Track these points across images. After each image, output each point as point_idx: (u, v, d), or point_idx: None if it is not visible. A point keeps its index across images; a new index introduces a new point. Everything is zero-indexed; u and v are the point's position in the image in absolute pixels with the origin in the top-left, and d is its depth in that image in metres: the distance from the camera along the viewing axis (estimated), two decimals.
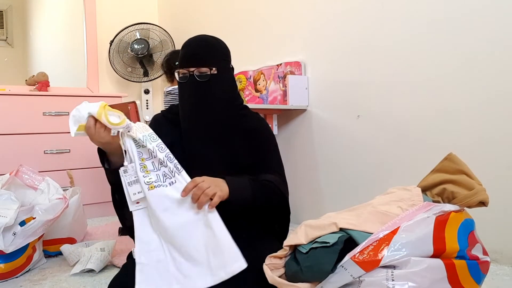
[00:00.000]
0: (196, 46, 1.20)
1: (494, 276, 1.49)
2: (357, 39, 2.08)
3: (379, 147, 2.00)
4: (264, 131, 1.29)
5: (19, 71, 2.98)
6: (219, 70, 1.19)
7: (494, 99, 1.62)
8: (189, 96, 1.20)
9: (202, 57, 1.18)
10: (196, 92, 1.18)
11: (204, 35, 1.24)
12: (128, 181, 1.03)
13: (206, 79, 1.17)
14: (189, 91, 1.19)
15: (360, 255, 0.85)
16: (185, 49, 1.21)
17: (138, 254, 1.01)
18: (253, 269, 1.00)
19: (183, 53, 1.20)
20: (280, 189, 1.19)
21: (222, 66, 1.20)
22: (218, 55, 1.21)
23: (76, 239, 1.96)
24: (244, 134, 1.24)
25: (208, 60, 1.18)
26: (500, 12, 1.59)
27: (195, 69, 1.17)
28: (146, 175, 1.02)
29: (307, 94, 2.31)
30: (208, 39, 1.23)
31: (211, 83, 1.17)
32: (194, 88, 1.18)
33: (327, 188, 2.27)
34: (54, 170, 2.51)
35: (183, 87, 1.21)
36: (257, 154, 1.23)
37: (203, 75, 1.17)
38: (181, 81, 1.20)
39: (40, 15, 3.12)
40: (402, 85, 1.91)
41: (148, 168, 1.03)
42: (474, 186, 0.97)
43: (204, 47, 1.20)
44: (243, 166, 1.20)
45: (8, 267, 1.56)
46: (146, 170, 1.02)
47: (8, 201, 1.59)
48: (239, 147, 1.22)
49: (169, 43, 3.19)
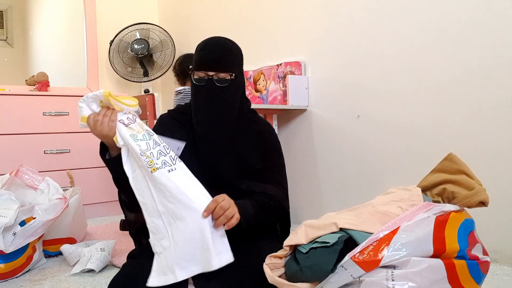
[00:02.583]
0: (215, 49, 1.18)
1: (494, 276, 1.49)
2: (358, 39, 2.08)
3: (379, 147, 2.00)
4: (273, 138, 1.31)
5: (19, 71, 2.97)
6: (236, 76, 1.19)
7: (495, 99, 1.62)
8: (205, 99, 1.19)
9: (222, 62, 1.17)
10: (214, 97, 1.18)
11: (221, 38, 1.22)
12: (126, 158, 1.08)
13: (226, 84, 1.17)
14: (207, 95, 1.18)
15: (360, 255, 0.85)
16: (203, 52, 1.18)
17: (152, 244, 1.04)
18: (253, 269, 1.00)
19: (201, 55, 1.18)
20: (281, 203, 1.20)
21: (239, 71, 1.21)
22: (236, 60, 1.21)
23: (76, 239, 1.96)
24: (253, 138, 1.25)
25: (228, 65, 1.18)
26: (501, 17, 1.59)
27: (214, 73, 1.16)
28: (147, 159, 1.03)
29: (307, 94, 2.31)
30: (227, 43, 1.21)
31: (229, 88, 1.17)
32: (212, 92, 1.17)
33: (327, 188, 2.27)
34: (54, 170, 2.51)
35: (199, 89, 1.19)
36: (264, 161, 1.23)
37: (223, 80, 1.17)
38: (198, 84, 1.19)
39: (40, 15, 3.11)
40: (402, 85, 1.91)
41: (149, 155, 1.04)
42: (474, 186, 0.97)
43: (224, 51, 1.18)
44: (253, 170, 1.22)
45: (8, 267, 1.56)
46: (147, 155, 1.04)
47: (8, 201, 1.59)
48: (249, 151, 1.22)
49: (169, 43, 3.19)
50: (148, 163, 1.03)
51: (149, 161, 1.03)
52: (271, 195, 1.18)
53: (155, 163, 1.03)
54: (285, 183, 1.28)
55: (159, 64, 3.23)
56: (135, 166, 1.07)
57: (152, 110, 2.11)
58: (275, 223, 1.29)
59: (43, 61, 3.08)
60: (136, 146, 1.05)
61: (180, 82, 2.50)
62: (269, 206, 1.17)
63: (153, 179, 1.02)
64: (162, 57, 3.21)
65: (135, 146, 1.05)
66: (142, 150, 1.04)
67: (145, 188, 1.05)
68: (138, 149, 1.04)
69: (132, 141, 1.06)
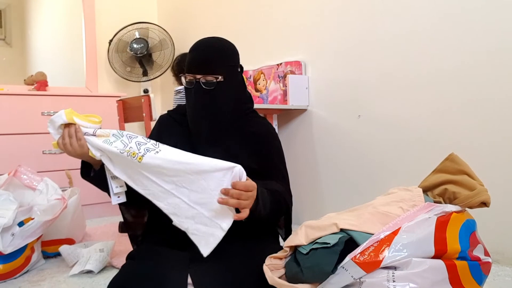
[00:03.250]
0: (203, 52, 1.17)
1: (495, 277, 1.48)
2: (358, 39, 2.07)
3: (379, 147, 2.00)
4: (272, 137, 1.30)
5: (17, 71, 2.97)
6: (226, 77, 1.18)
7: (496, 99, 1.62)
8: (194, 102, 1.19)
9: (208, 65, 1.16)
10: (201, 100, 1.18)
11: (212, 39, 1.22)
12: (111, 176, 1.09)
13: (212, 87, 1.16)
14: (195, 97, 1.18)
15: (361, 256, 0.85)
16: (192, 54, 1.18)
17: (179, 225, 1.02)
18: (253, 270, 1.00)
19: (190, 58, 1.18)
20: (286, 200, 1.20)
21: (229, 72, 1.19)
22: (225, 61, 1.19)
23: (75, 239, 1.95)
24: (249, 139, 1.24)
25: (214, 68, 1.16)
26: (501, 10, 1.59)
27: (201, 76, 1.16)
28: (129, 153, 1.03)
29: (307, 94, 2.31)
30: (216, 44, 1.20)
31: (217, 91, 1.17)
32: (200, 95, 1.17)
33: (327, 189, 2.26)
34: (53, 170, 2.50)
35: (189, 92, 1.20)
36: (263, 161, 1.22)
37: (209, 83, 1.16)
38: (187, 87, 1.19)
39: (39, 14, 3.11)
40: (403, 85, 1.90)
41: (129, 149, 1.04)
42: (475, 187, 0.97)
43: (212, 53, 1.17)
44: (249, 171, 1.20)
45: (7, 268, 1.55)
46: (127, 150, 1.03)
47: (6, 202, 1.58)
48: (242, 151, 1.21)
49: (168, 43, 3.18)
50: (131, 155, 1.02)
51: (131, 153, 1.02)
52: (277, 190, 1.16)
53: (138, 153, 1.02)
54: (287, 181, 1.27)
55: (159, 63, 3.22)
56: (124, 167, 1.06)
57: (148, 111, 2.10)
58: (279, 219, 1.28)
59: (42, 61, 3.07)
60: (114, 148, 1.04)
61: (179, 81, 2.50)
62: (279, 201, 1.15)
63: (145, 167, 1.02)
64: (161, 57, 3.20)
65: (113, 149, 1.04)
66: (120, 149, 1.04)
67: (144, 179, 1.04)
68: (117, 150, 1.04)
69: (107, 146, 1.05)
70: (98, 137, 1.08)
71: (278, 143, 1.30)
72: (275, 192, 1.15)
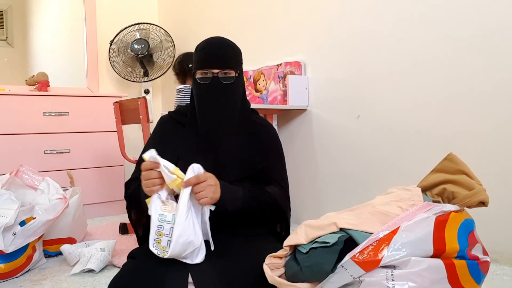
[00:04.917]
0: (220, 48, 1.18)
1: (494, 276, 1.49)
2: (357, 39, 2.08)
3: (379, 147, 2.00)
4: (272, 138, 1.30)
5: (19, 71, 2.98)
6: (239, 74, 1.21)
7: (496, 99, 1.62)
8: (211, 97, 1.18)
9: (227, 60, 1.17)
10: (218, 94, 1.18)
11: (221, 37, 1.23)
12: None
13: (231, 82, 1.17)
14: (211, 91, 1.18)
15: (360, 255, 0.85)
16: (207, 50, 1.18)
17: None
18: (253, 269, 1.00)
19: (205, 53, 1.18)
20: (277, 202, 1.19)
21: (240, 69, 1.22)
22: (238, 58, 1.22)
23: (76, 239, 1.96)
24: (254, 139, 1.24)
25: (233, 63, 1.18)
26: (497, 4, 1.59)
27: (219, 71, 1.17)
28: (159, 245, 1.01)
29: (307, 94, 2.31)
30: (229, 42, 1.22)
31: (234, 85, 1.18)
32: (218, 90, 1.17)
33: (327, 188, 2.27)
34: (54, 170, 2.51)
35: (204, 88, 1.19)
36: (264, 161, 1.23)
37: (228, 78, 1.17)
38: (202, 82, 1.18)
39: (40, 15, 3.11)
40: (403, 85, 1.91)
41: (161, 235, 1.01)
42: (474, 186, 0.97)
43: (228, 49, 1.19)
44: (255, 170, 1.21)
45: (8, 267, 1.56)
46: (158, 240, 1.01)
47: (8, 201, 1.59)
48: (250, 151, 1.22)
49: (169, 43, 3.19)
50: (160, 248, 1.00)
51: (161, 248, 1.00)
52: (267, 191, 1.18)
53: (163, 251, 1.00)
54: (285, 184, 1.27)
55: (159, 64, 3.23)
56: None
57: (145, 114, 2.08)
58: (273, 222, 1.28)
59: (43, 61, 3.08)
60: (152, 228, 1.00)
61: (180, 80, 2.51)
62: (262, 199, 1.15)
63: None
64: (162, 57, 3.21)
65: (152, 227, 1.00)
66: (158, 230, 1.00)
67: None
68: (155, 228, 1.00)
69: (153, 219, 1.00)
70: (163, 205, 1.02)
71: (279, 145, 1.31)
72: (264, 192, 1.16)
